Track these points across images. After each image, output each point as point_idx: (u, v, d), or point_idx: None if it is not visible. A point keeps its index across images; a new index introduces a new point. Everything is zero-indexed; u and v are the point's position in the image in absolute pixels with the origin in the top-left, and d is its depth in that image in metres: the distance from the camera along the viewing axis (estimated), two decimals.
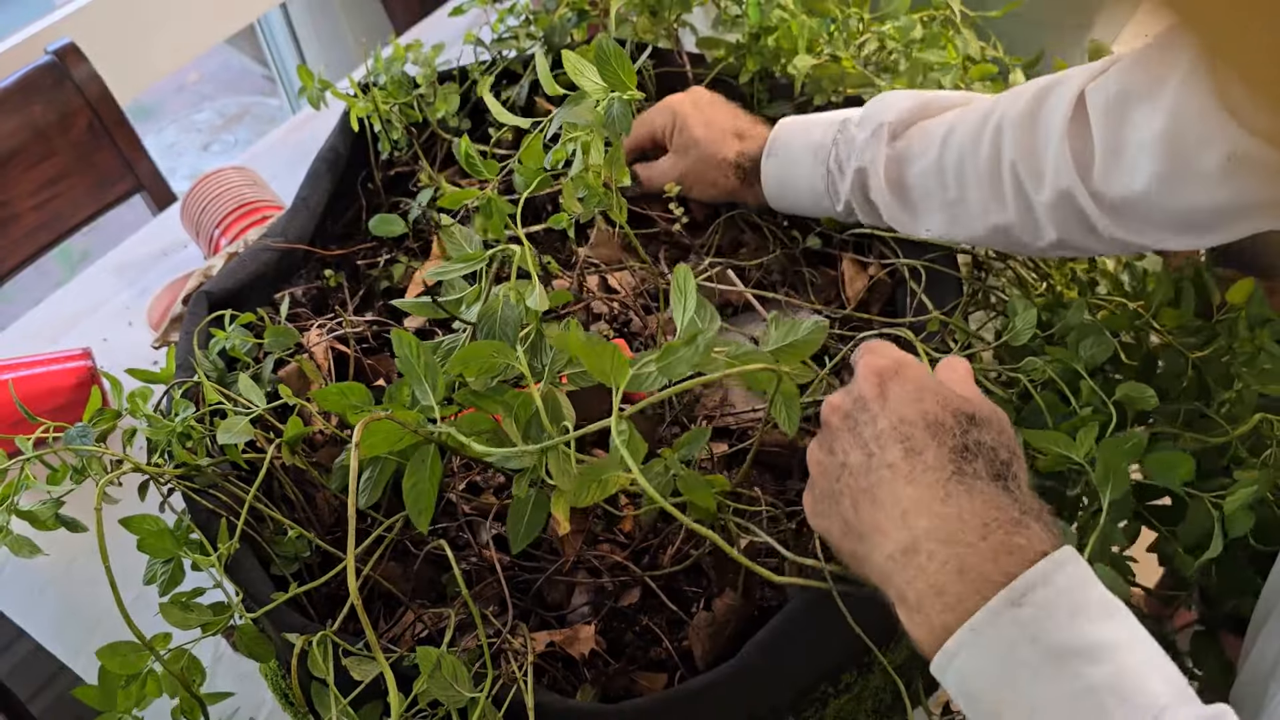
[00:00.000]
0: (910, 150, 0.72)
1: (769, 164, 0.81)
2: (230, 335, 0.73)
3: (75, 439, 0.62)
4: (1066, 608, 0.42)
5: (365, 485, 0.58)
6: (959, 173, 0.70)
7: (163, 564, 0.60)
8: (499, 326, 0.59)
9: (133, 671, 0.55)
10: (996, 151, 0.67)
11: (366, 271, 0.89)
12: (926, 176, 0.72)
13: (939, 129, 0.71)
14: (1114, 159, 0.61)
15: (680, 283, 0.56)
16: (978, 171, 0.69)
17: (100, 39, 1.45)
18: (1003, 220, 0.69)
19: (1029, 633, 0.42)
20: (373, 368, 0.80)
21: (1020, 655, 0.42)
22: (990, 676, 0.42)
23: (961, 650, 0.43)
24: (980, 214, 0.70)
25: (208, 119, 2.92)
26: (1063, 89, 0.64)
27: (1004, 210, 0.68)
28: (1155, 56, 0.59)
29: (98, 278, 1.16)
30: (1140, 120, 0.59)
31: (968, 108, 0.71)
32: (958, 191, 0.70)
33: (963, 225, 0.72)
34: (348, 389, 0.56)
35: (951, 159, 0.70)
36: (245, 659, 0.79)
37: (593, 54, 0.61)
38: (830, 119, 0.78)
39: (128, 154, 1.40)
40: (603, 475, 0.52)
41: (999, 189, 0.68)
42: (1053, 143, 0.64)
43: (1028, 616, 0.42)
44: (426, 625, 0.64)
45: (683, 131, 0.84)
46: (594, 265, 0.85)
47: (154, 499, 0.66)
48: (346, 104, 0.90)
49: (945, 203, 0.71)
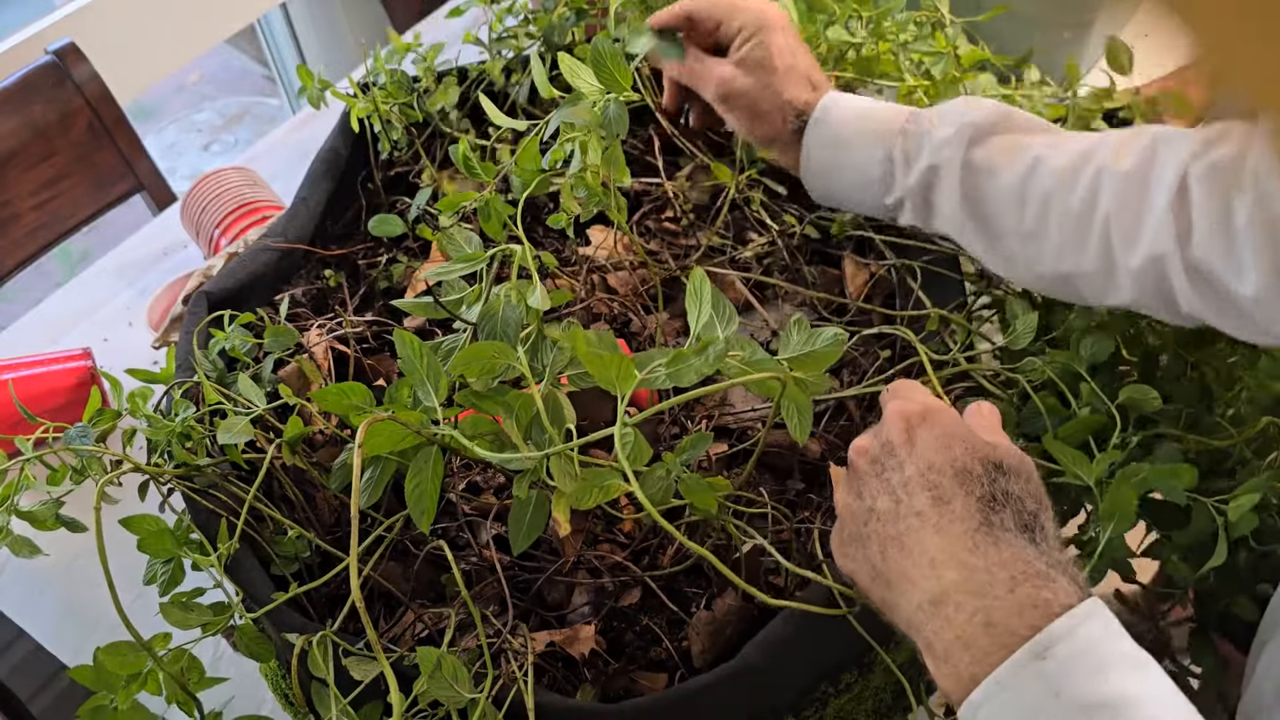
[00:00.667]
0: (992, 163, 0.67)
1: (816, 132, 0.73)
2: (230, 335, 0.73)
3: (75, 439, 0.62)
4: (1090, 662, 0.42)
5: (366, 486, 0.58)
6: (1043, 207, 0.65)
7: (163, 564, 0.60)
8: (500, 327, 0.59)
9: (132, 671, 0.55)
10: (1092, 199, 0.62)
11: (366, 271, 0.89)
12: (1004, 196, 0.66)
13: (1026, 152, 0.66)
14: (1217, 240, 0.57)
15: (696, 286, 0.55)
16: (1065, 213, 0.64)
17: (100, 39, 1.45)
18: (1076, 270, 0.64)
19: (1053, 687, 0.42)
20: (373, 368, 0.80)
21: (1044, 708, 0.42)
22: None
23: (986, 703, 0.43)
24: (1053, 256, 0.65)
25: (208, 119, 2.92)
26: (1171, 151, 0.60)
27: (1082, 260, 0.64)
28: (1242, 134, 0.56)
29: (98, 278, 1.16)
30: (1238, 206, 0.55)
31: (1059, 139, 0.66)
32: (1035, 224, 0.65)
33: (1025, 262, 0.67)
34: (348, 389, 0.56)
35: (1037, 189, 0.65)
36: (246, 658, 0.79)
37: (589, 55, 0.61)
38: (892, 110, 0.72)
39: (128, 154, 1.40)
40: (605, 481, 0.52)
41: (1084, 239, 0.63)
42: (1157, 207, 0.59)
43: (1052, 670, 0.42)
44: (427, 625, 0.64)
45: (763, 47, 0.73)
46: (594, 265, 0.85)
47: (154, 499, 0.66)
48: (346, 104, 0.90)
49: (1018, 232, 0.66)
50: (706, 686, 0.56)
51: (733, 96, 0.74)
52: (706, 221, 0.89)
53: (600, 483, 0.52)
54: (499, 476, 0.73)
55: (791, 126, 0.73)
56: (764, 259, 0.88)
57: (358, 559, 0.49)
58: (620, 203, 0.70)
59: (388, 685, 0.51)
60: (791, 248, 0.87)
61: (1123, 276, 0.62)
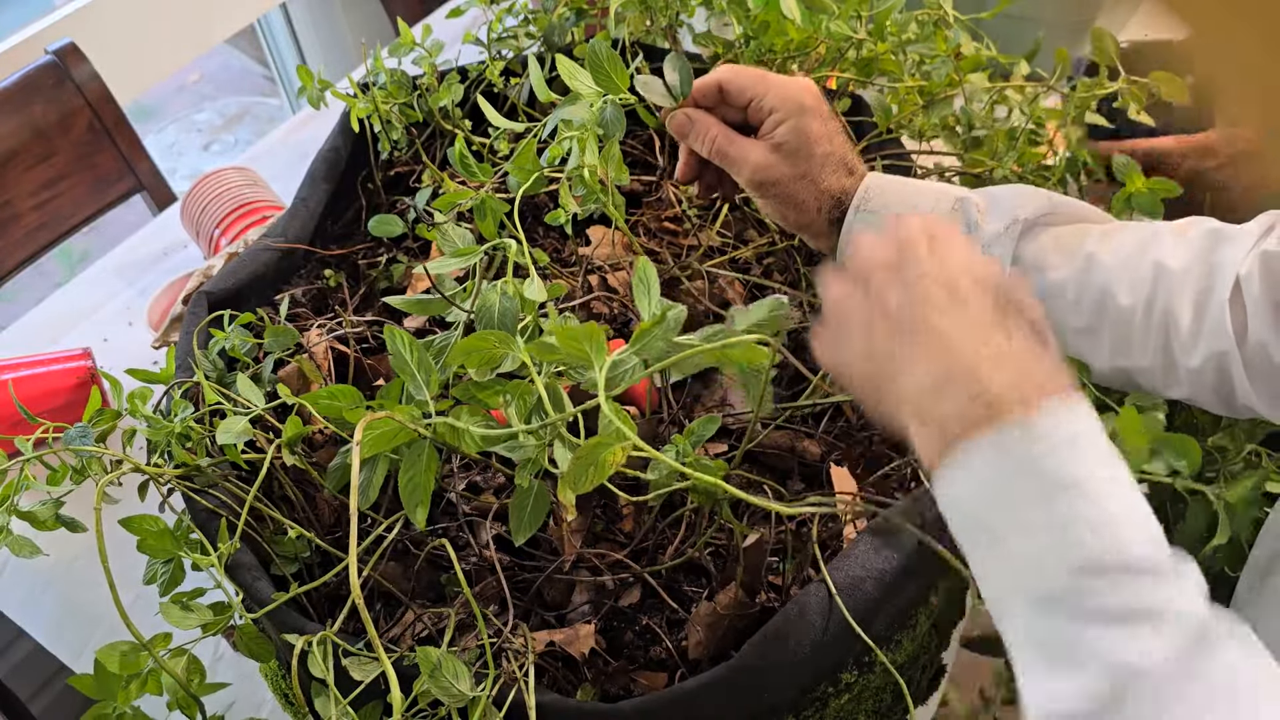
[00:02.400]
0: (1044, 260, 0.65)
1: (861, 220, 0.69)
2: (230, 335, 0.73)
3: (75, 439, 0.62)
4: (1071, 448, 0.44)
5: (363, 486, 0.58)
6: (1098, 305, 0.63)
7: (163, 564, 0.60)
8: (497, 319, 0.59)
9: (133, 671, 0.55)
10: (1150, 298, 0.61)
11: (366, 271, 0.89)
12: (1058, 293, 0.64)
13: (1079, 248, 0.64)
14: (1273, 330, 0.56)
15: (642, 273, 0.56)
16: (1121, 311, 0.62)
17: (100, 39, 1.45)
18: (1133, 366, 0.63)
19: (1033, 458, 0.44)
20: (372, 367, 0.80)
21: (1020, 475, 0.44)
22: (986, 489, 0.45)
23: (968, 463, 0.45)
24: (1109, 352, 0.64)
25: (208, 119, 2.92)
26: (1228, 248, 0.59)
27: (1139, 358, 0.62)
28: None
29: (98, 278, 1.16)
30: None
31: (1110, 231, 0.65)
32: (1090, 321, 0.64)
33: (1082, 355, 0.65)
34: (339, 391, 0.56)
35: (1092, 287, 0.63)
36: (246, 658, 0.79)
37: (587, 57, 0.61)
38: (938, 190, 0.69)
39: (128, 154, 1.40)
40: (599, 455, 0.52)
41: (1143, 338, 0.62)
42: (1215, 305, 0.58)
43: (1035, 447, 0.44)
44: (427, 625, 0.64)
45: (800, 134, 0.69)
46: (593, 265, 0.85)
47: (153, 500, 0.66)
48: (346, 104, 0.90)
49: (1073, 328, 0.64)
50: (706, 685, 0.56)
51: (768, 185, 0.70)
52: (706, 221, 0.89)
53: (595, 458, 0.51)
54: (499, 477, 0.73)
55: (827, 216, 0.70)
56: (764, 259, 0.88)
57: (357, 559, 0.49)
58: (618, 200, 0.70)
59: (388, 685, 0.51)
60: (791, 247, 0.87)
61: (1182, 373, 0.61)
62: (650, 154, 0.93)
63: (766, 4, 0.89)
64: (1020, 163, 0.84)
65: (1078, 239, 0.65)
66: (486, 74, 0.94)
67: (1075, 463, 0.44)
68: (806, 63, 0.93)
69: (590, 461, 0.52)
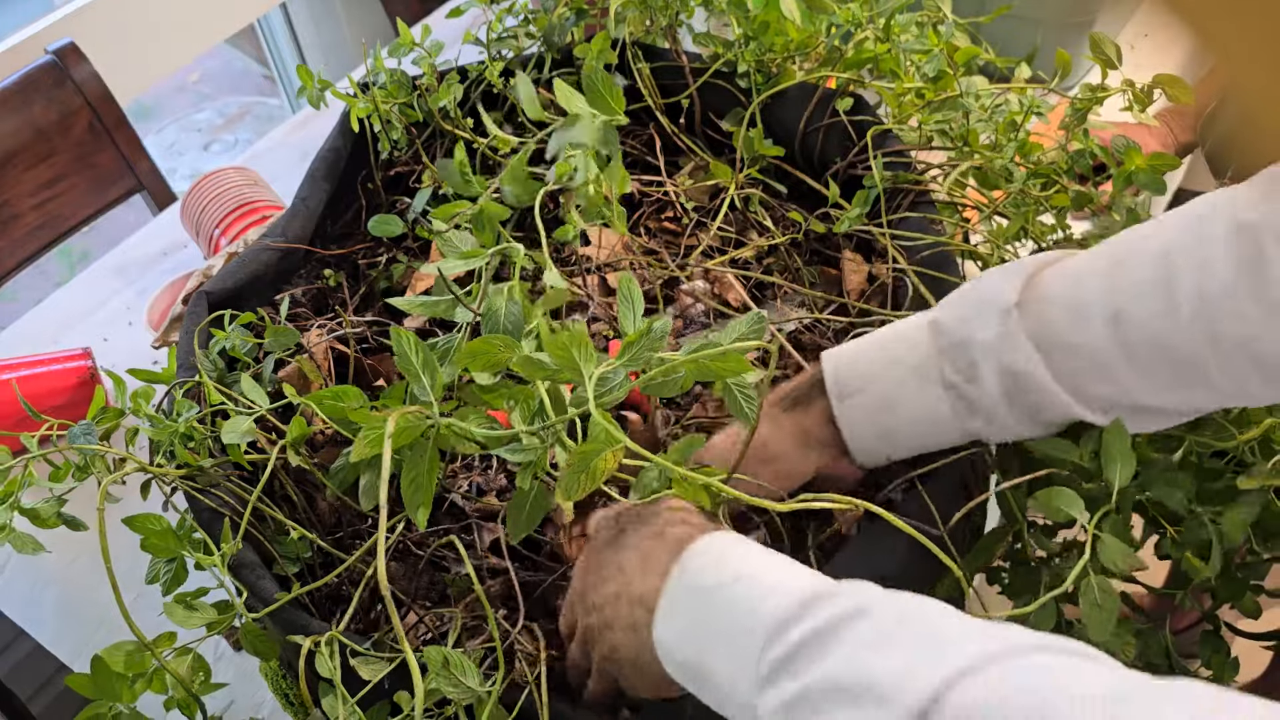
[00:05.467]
0: (1060, 336, 0.56)
1: (850, 409, 0.62)
2: (230, 335, 0.73)
3: (79, 437, 0.62)
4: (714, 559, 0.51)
5: (365, 488, 0.58)
6: (1149, 363, 0.54)
7: (165, 563, 0.60)
8: (503, 323, 0.60)
9: (137, 671, 0.55)
10: (1209, 334, 0.52)
11: (366, 271, 0.89)
12: (1103, 357, 0.55)
13: (1087, 308, 0.55)
14: None
15: (625, 289, 0.56)
16: (1181, 360, 0.53)
17: (100, 39, 1.45)
18: (1229, 393, 0.54)
19: (694, 588, 0.50)
20: (373, 368, 0.80)
21: (694, 605, 0.50)
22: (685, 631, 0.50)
23: (660, 623, 0.51)
24: (1202, 391, 0.55)
25: (208, 119, 2.92)
26: (1275, 240, 0.50)
27: (1229, 385, 0.54)
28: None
29: (98, 278, 1.16)
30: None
31: (1087, 269, 0.57)
32: (1158, 377, 0.55)
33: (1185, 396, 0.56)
34: (343, 392, 0.56)
35: (1137, 345, 0.54)
36: (245, 658, 0.79)
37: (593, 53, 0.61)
38: (902, 332, 0.62)
39: (128, 154, 1.40)
40: (591, 462, 0.52)
41: (1221, 373, 0.53)
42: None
43: (689, 579, 0.51)
44: (429, 627, 0.64)
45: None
46: (594, 266, 0.85)
47: (154, 500, 0.66)
48: (346, 104, 0.90)
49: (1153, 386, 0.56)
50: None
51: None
52: (707, 221, 0.89)
53: (586, 465, 0.52)
54: (501, 478, 0.73)
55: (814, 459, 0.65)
56: (764, 259, 0.88)
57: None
58: (620, 211, 0.70)
59: (393, 685, 0.51)
60: (789, 247, 0.87)
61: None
62: (650, 154, 0.94)
63: (766, 4, 0.89)
64: (1022, 154, 0.83)
65: (1074, 299, 0.56)
66: (486, 74, 0.94)
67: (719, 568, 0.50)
68: (806, 63, 0.93)
69: (582, 468, 0.52)
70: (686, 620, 0.50)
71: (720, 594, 0.49)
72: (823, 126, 0.89)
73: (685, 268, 0.84)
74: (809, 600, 0.45)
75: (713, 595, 0.49)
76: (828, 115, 0.88)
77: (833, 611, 0.44)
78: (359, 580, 0.66)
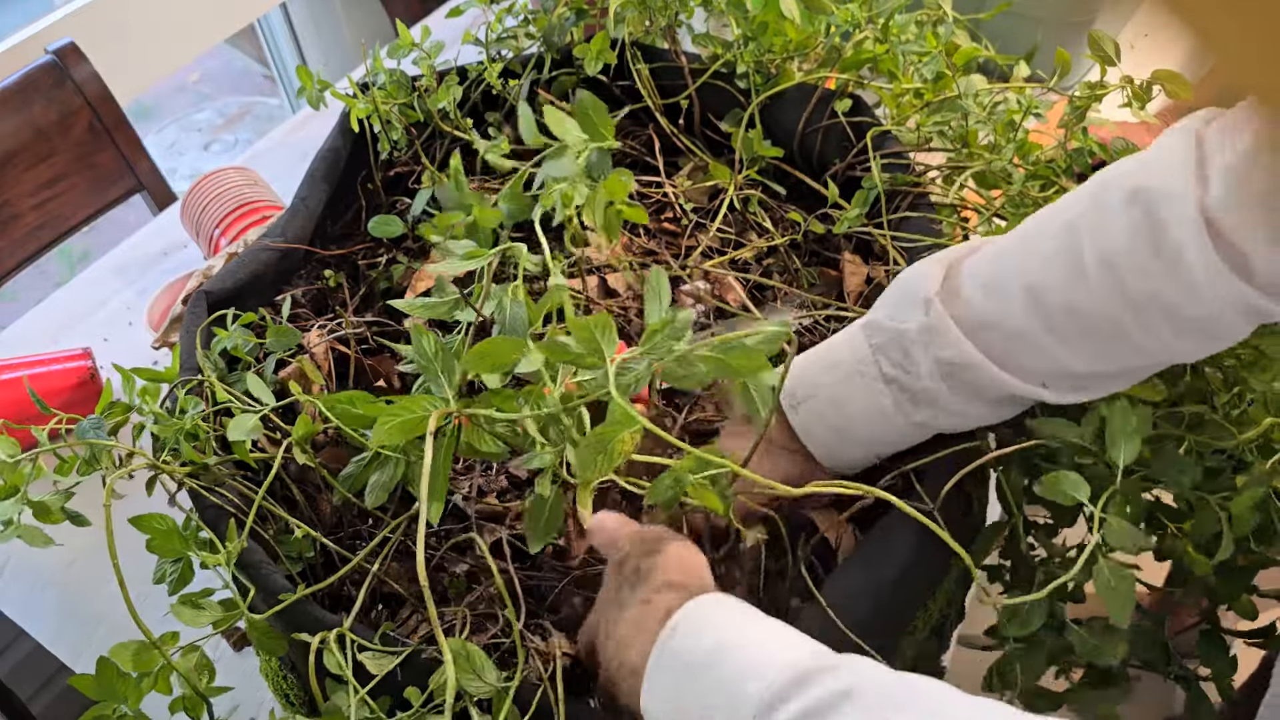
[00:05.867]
0: (981, 315, 0.58)
1: (804, 414, 0.64)
2: (232, 335, 0.73)
3: (89, 431, 0.62)
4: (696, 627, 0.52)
5: (374, 487, 0.58)
6: (1069, 330, 0.57)
7: (172, 564, 0.60)
8: (509, 324, 0.60)
9: (145, 670, 0.55)
10: (1118, 294, 0.54)
11: (366, 272, 0.89)
12: (1028, 336, 0.58)
13: (1004, 286, 0.58)
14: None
15: (654, 281, 0.56)
16: (1097, 324, 0.56)
17: (100, 39, 1.45)
18: (1154, 350, 0.56)
19: (679, 656, 0.51)
20: (373, 368, 0.80)
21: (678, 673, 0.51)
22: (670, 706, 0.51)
23: (648, 681, 0.52)
24: (1125, 350, 0.57)
25: (208, 119, 2.92)
26: (1166, 203, 0.52)
27: (1152, 343, 0.56)
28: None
29: (98, 278, 1.16)
30: None
31: (1002, 250, 0.59)
32: (1082, 343, 0.57)
33: (1116, 359, 0.58)
34: (355, 397, 0.56)
35: (1055, 314, 0.56)
36: (245, 661, 0.79)
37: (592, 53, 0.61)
38: (842, 337, 0.65)
39: (128, 154, 1.40)
40: (609, 441, 0.52)
41: (1139, 329, 0.55)
42: (1197, 266, 0.51)
43: (674, 644, 0.51)
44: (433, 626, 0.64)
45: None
46: (593, 267, 0.85)
47: (158, 499, 0.66)
48: (346, 104, 0.90)
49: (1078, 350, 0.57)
50: None
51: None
52: (706, 221, 0.89)
53: (604, 446, 0.52)
54: (501, 479, 0.73)
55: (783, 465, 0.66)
56: (763, 259, 0.88)
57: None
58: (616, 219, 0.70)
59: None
60: (790, 247, 0.87)
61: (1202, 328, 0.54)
62: (650, 155, 0.94)
63: (765, 4, 0.89)
64: (1021, 154, 0.83)
65: (992, 279, 0.59)
66: (485, 76, 0.94)
67: (700, 637, 0.51)
68: (805, 63, 0.93)
69: (600, 449, 0.52)
70: (670, 695, 0.51)
71: (702, 671, 0.49)
72: (822, 127, 0.89)
73: (685, 269, 0.84)
74: (800, 678, 0.46)
75: (694, 672, 0.50)
76: (827, 116, 0.88)
77: (820, 694, 0.44)
78: (359, 580, 0.66)
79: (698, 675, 0.49)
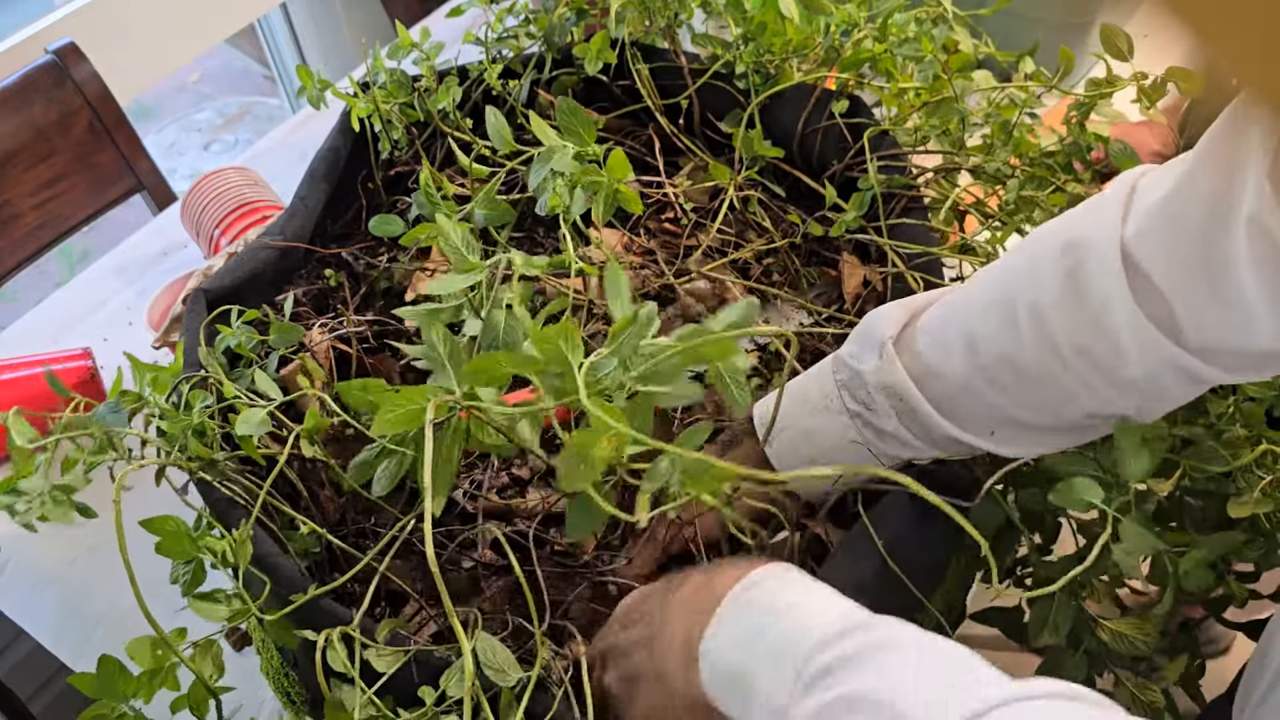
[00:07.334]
0: (927, 364, 0.60)
1: (777, 445, 0.66)
2: (236, 332, 0.73)
3: (105, 416, 0.62)
4: (775, 585, 0.52)
5: (380, 476, 0.58)
6: (1005, 380, 0.57)
7: (184, 565, 0.60)
8: (502, 338, 0.60)
9: (158, 666, 0.55)
10: (1049, 345, 0.54)
11: (367, 272, 0.89)
12: (968, 392, 0.59)
13: (948, 336, 0.59)
14: (1208, 310, 0.50)
15: (613, 279, 0.55)
16: (1031, 374, 0.56)
17: (100, 39, 1.45)
18: (1095, 406, 0.56)
19: (753, 609, 0.51)
20: (374, 367, 0.80)
21: (753, 623, 0.50)
22: (735, 640, 0.51)
23: (713, 638, 0.51)
24: (1063, 402, 0.57)
25: (208, 119, 2.92)
26: (1093, 254, 0.52)
27: (1090, 398, 0.56)
28: (1206, 167, 0.50)
29: (98, 278, 1.16)
30: (1229, 247, 0.47)
31: (953, 300, 0.61)
32: (1019, 394, 0.58)
33: (1049, 414, 0.58)
34: (369, 384, 0.56)
35: (991, 365, 0.57)
36: (246, 660, 0.79)
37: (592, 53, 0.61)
38: (813, 372, 0.66)
39: (128, 154, 1.40)
40: (588, 450, 0.51)
41: (1074, 382, 0.55)
42: (1122, 322, 0.52)
43: (752, 596, 0.51)
44: (438, 625, 0.64)
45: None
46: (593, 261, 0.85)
47: (165, 497, 0.66)
48: (346, 104, 0.91)
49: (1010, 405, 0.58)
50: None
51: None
52: (706, 221, 0.90)
53: (584, 454, 0.50)
54: (503, 476, 0.73)
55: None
56: (763, 259, 0.88)
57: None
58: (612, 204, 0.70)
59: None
60: (790, 249, 0.87)
61: (1131, 388, 0.54)
62: (650, 154, 0.94)
63: (764, 4, 0.89)
64: (1018, 153, 0.83)
65: (938, 331, 0.60)
66: (485, 76, 0.94)
67: (782, 592, 0.51)
68: (804, 63, 0.93)
69: (580, 458, 0.51)
70: (740, 631, 0.50)
71: (775, 613, 0.50)
72: (821, 127, 0.89)
73: (686, 269, 0.84)
74: (851, 627, 0.47)
75: (768, 613, 0.50)
76: (826, 116, 0.88)
77: (868, 637, 0.46)
78: (363, 577, 0.66)
79: (769, 615, 0.50)
